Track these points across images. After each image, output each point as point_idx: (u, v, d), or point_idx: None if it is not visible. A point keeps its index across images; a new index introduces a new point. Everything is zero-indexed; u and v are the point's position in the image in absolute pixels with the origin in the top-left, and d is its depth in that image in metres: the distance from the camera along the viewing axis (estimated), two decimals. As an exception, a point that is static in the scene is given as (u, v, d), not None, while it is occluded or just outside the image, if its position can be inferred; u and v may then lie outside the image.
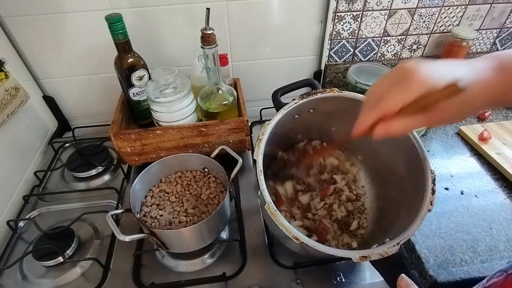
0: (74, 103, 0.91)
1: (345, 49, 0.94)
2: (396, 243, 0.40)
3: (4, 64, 0.72)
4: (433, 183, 0.45)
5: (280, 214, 0.44)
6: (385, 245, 0.41)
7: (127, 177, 0.79)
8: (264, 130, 0.52)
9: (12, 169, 0.76)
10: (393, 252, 0.39)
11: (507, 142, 0.79)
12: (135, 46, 0.71)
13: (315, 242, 0.41)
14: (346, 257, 0.40)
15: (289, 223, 0.43)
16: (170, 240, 0.56)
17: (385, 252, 0.39)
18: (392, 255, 0.40)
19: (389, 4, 0.85)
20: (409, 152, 0.51)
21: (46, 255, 0.60)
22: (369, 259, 0.39)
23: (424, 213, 0.43)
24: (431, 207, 0.43)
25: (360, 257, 0.39)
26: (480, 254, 0.59)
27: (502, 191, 0.71)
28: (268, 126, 0.53)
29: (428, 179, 0.46)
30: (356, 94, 0.56)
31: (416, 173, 0.48)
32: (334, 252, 0.40)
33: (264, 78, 0.93)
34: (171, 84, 0.70)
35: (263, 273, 0.60)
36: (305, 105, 0.56)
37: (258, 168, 0.47)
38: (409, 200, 0.49)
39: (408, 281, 0.36)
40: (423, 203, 0.44)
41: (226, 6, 0.78)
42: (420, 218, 0.43)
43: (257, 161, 0.48)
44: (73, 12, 0.74)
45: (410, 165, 0.51)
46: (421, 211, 0.43)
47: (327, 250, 0.41)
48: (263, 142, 0.50)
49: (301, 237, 0.41)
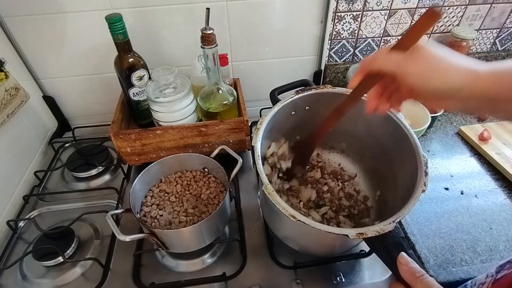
0: (74, 103, 0.91)
1: (345, 49, 0.94)
2: (392, 221, 0.41)
3: (4, 64, 0.72)
4: (425, 166, 0.47)
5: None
6: (381, 223, 0.41)
7: (127, 177, 0.79)
8: (262, 120, 0.55)
9: (12, 169, 0.76)
10: (389, 229, 0.40)
11: (507, 142, 0.79)
12: (135, 46, 0.71)
13: (311, 221, 0.42)
14: (342, 234, 0.40)
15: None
16: (170, 240, 0.56)
17: (381, 229, 0.40)
18: (389, 235, 0.40)
19: (389, 4, 0.85)
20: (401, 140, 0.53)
21: (46, 255, 0.60)
22: (365, 236, 0.40)
23: (418, 193, 0.44)
24: (425, 188, 0.45)
25: (356, 234, 0.40)
26: (480, 254, 0.59)
27: (502, 191, 0.71)
28: (266, 117, 0.55)
29: (421, 162, 0.48)
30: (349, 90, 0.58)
31: (409, 160, 0.51)
32: (330, 230, 0.41)
33: (264, 78, 0.93)
34: (171, 84, 0.70)
35: (263, 273, 0.60)
36: (300, 100, 0.60)
37: (256, 154, 0.50)
38: (405, 185, 0.51)
39: (408, 258, 0.37)
40: (417, 185, 0.46)
41: (226, 6, 0.78)
42: (414, 198, 0.44)
43: (255, 147, 0.51)
44: (73, 12, 0.74)
45: (403, 152, 0.53)
46: (415, 192, 0.45)
47: (323, 227, 0.41)
48: (261, 130, 0.53)
49: (297, 215, 0.42)
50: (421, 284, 0.34)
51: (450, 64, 0.35)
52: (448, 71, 0.35)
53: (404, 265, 0.36)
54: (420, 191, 0.45)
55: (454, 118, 0.91)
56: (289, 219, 0.42)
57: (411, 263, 0.36)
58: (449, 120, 0.90)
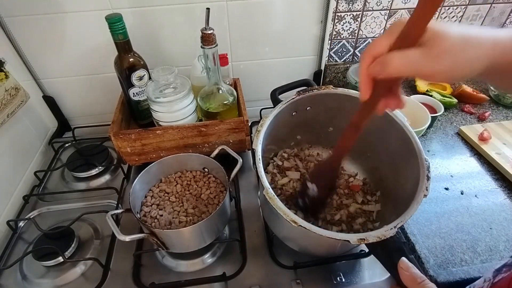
0: (74, 103, 0.91)
1: (345, 49, 0.94)
2: (393, 226, 0.41)
3: (4, 64, 0.72)
4: (427, 170, 0.47)
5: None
6: (382, 228, 0.41)
7: (127, 177, 0.79)
8: (262, 123, 0.54)
9: (12, 169, 0.76)
10: (391, 234, 0.40)
11: (507, 142, 0.79)
12: (135, 46, 0.71)
13: (312, 225, 0.41)
14: (344, 239, 0.40)
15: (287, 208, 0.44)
16: (170, 240, 0.56)
17: (382, 234, 0.40)
18: (390, 240, 0.40)
19: (389, 4, 0.86)
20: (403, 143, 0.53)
21: (46, 255, 0.60)
22: (366, 241, 0.39)
23: (420, 198, 0.44)
24: (426, 193, 0.45)
25: (358, 240, 0.40)
26: (480, 254, 0.59)
27: (502, 191, 0.71)
28: (267, 119, 0.55)
29: (423, 166, 0.47)
30: (350, 90, 0.58)
31: (411, 163, 0.50)
32: (332, 235, 0.41)
33: (264, 78, 0.93)
34: (171, 84, 0.70)
35: (263, 273, 0.60)
36: (301, 101, 0.59)
37: (257, 157, 0.49)
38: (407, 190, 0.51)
39: (409, 264, 0.36)
40: (419, 189, 0.45)
41: (226, 6, 0.78)
42: (416, 203, 0.44)
43: (256, 150, 0.50)
44: (73, 12, 0.74)
45: (405, 155, 0.53)
46: (417, 197, 0.44)
47: (325, 233, 0.41)
48: (262, 133, 0.53)
49: (298, 220, 0.42)
50: None
51: (476, 48, 0.30)
52: (476, 59, 0.30)
53: (405, 270, 0.36)
54: (422, 196, 0.44)
55: (454, 118, 0.91)
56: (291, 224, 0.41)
57: (412, 268, 0.36)
58: (449, 120, 0.90)
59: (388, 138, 0.58)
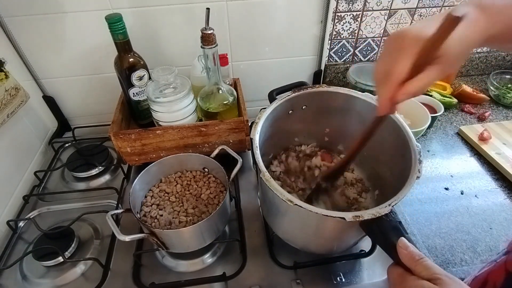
0: (74, 103, 0.91)
1: (345, 49, 0.94)
2: (388, 204, 0.42)
3: (4, 64, 0.72)
4: (419, 155, 0.49)
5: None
6: (377, 207, 0.42)
7: (127, 177, 0.79)
8: (260, 116, 0.56)
9: (12, 169, 0.76)
10: (385, 212, 0.40)
11: (507, 142, 0.79)
12: (135, 46, 0.71)
13: (307, 204, 0.42)
14: (339, 217, 0.40)
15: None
16: (170, 240, 0.56)
17: (377, 212, 0.41)
18: (385, 219, 0.41)
19: (389, 4, 0.86)
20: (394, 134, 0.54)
21: (46, 255, 0.60)
22: (361, 218, 0.40)
23: (413, 179, 0.45)
24: (419, 175, 0.46)
25: (353, 217, 0.40)
26: (480, 254, 0.59)
27: (502, 191, 0.71)
28: (264, 112, 0.57)
29: (415, 152, 0.49)
30: (343, 88, 0.61)
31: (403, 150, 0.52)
32: (327, 213, 0.41)
33: (264, 78, 0.93)
34: (171, 84, 0.70)
35: (263, 273, 0.60)
36: (297, 99, 0.61)
37: (254, 144, 0.51)
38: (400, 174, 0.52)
39: (407, 243, 0.37)
40: (412, 172, 0.47)
41: (226, 6, 0.78)
42: (410, 183, 0.45)
43: (253, 139, 0.52)
44: (73, 12, 0.74)
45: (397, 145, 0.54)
46: (410, 178, 0.46)
47: (319, 211, 0.41)
48: (260, 124, 0.55)
49: (293, 199, 0.43)
50: (421, 266, 0.34)
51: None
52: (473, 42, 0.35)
53: (404, 249, 0.37)
54: (415, 178, 0.46)
55: (454, 118, 0.91)
56: (287, 204, 0.42)
57: (410, 247, 0.37)
58: (449, 120, 0.90)
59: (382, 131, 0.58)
